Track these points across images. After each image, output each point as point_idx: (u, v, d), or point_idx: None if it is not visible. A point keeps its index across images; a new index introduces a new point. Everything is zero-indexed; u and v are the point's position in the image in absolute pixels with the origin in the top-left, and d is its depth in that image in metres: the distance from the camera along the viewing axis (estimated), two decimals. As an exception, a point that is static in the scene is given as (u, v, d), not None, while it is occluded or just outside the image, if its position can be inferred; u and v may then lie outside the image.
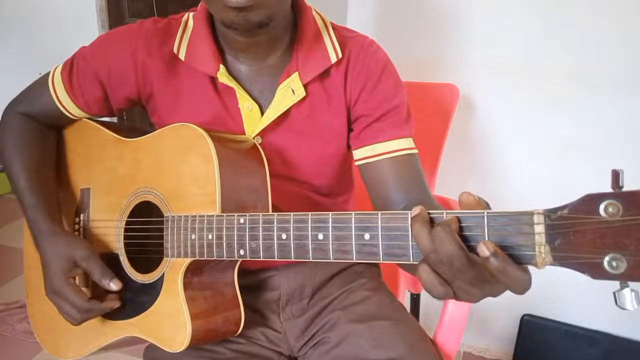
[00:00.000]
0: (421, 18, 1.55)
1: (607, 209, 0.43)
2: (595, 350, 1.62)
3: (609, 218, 0.43)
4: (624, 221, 0.42)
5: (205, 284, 0.81)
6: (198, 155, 0.78)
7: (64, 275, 0.85)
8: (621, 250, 0.43)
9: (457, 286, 0.52)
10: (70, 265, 0.85)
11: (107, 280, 0.84)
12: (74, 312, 0.85)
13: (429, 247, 0.51)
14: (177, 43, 0.88)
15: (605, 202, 0.43)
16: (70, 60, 0.94)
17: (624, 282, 0.44)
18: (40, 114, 0.97)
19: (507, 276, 0.48)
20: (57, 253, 0.86)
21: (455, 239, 0.50)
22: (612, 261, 0.43)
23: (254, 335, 0.95)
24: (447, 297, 0.53)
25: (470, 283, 0.51)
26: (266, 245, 0.67)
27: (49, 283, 0.87)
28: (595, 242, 0.44)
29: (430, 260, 0.51)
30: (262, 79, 0.88)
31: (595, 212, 0.44)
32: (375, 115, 0.87)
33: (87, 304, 0.84)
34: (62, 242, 0.87)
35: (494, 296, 0.53)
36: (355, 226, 0.58)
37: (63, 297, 0.85)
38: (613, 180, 0.44)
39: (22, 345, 1.86)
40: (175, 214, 0.80)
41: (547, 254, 0.47)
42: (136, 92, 0.91)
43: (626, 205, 0.42)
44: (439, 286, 0.52)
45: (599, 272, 0.44)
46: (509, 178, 1.61)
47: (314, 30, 0.88)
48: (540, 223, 0.47)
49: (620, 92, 1.43)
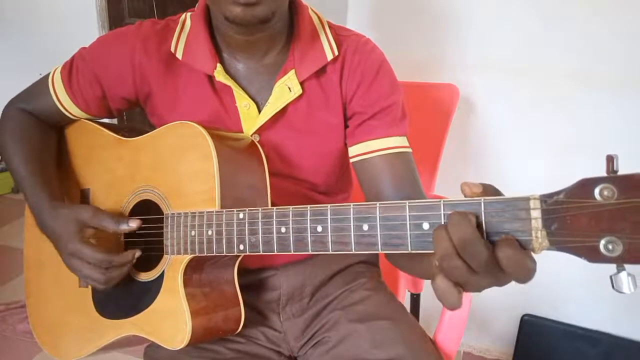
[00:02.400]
0: (421, 18, 1.56)
1: (603, 193, 0.43)
2: (595, 350, 1.61)
3: (604, 201, 0.43)
4: (619, 204, 0.43)
5: (205, 281, 0.81)
6: (197, 153, 0.78)
7: (77, 237, 0.83)
8: (617, 233, 0.43)
9: (469, 283, 0.51)
10: (80, 227, 0.84)
11: (124, 225, 0.82)
12: (96, 272, 0.82)
13: (446, 246, 0.50)
14: (174, 42, 0.88)
15: (601, 185, 0.44)
16: (70, 61, 0.95)
17: (620, 266, 0.44)
18: (40, 113, 0.97)
19: (518, 266, 0.48)
20: (65, 221, 0.85)
21: (471, 223, 0.49)
22: (608, 244, 0.43)
23: (253, 334, 0.95)
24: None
25: (481, 273, 0.50)
26: (265, 239, 0.68)
27: (64, 250, 0.85)
28: (591, 225, 0.44)
29: (444, 265, 0.51)
30: (259, 77, 0.88)
31: (591, 196, 0.44)
32: (370, 112, 0.88)
33: (107, 257, 0.81)
34: (66, 211, 0.86)
35: (499, 285, 0.52)
36: (354, 217, 0.59)
37: (81, 257, 0.83)
38: (608, 164, 0.44)
39: (22, 345, 1.86)
40: (175, 212, 0.80)
41: (544, 239, 0.47)
42: (134, 93, 0.92)
43: (621, 189, 0.43)
44: (456, 294, 0.51)
45: (595, 256, 0.44)
46: (509, 178, 1.61)
47: (310, 29, 0.88)
48: (536, 208, 0.47)
49: (620, 92, 1.43)
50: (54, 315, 0.94)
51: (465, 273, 0.50)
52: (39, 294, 1.00)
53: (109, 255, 0.81)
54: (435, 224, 0.53)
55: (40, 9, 2.70)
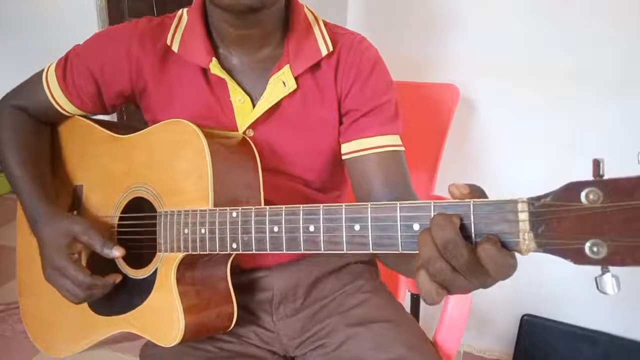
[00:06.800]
0: (421, 18, 1.56)
1: (588, 196, 0.44)
2: (595, 350, 1.61)
3: (589, 205, 0.44)
4: (605, 208, 0.43)
5: (198, 278, 0.82)
6: (191, 151, 0.78)
7: (65, 252, 0.84)
8: (602, 235, 0.43)
9: (454, 285, 0.52)
10: (69, 240, 0.85)
11: (109, 249, 0.83)
12: (77, 289, 0.83)
13: (429, 248, 0.51)
14: (170, 35, 0.89)
15: (587, 189, 0.44)
16: (64, 57, 0.95)
17: (605, 268, 0.44)
18: (34, 110, 0.97)
19: (496, 263, 0.48)
20: (56, 231, 0.86)
21: (453, 224, 0.50)
22: (593, 246, 0.44)
23: (245, 334, 0.95)
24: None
25: (465, 274, 0.51)
26: (258, 238, 0.68)
27: (48, 262, 0.86)
28: (577, 228, 0.44)
29: (429, 268, 0.51)
30: (254, 71, 0.89)
31: (577, 199, 0.44)
32: (363, 110, 0.88)
33: (90, 279, 0.83)
34: (60, 221, 0.86)
35: (484, 287, 0.53)
36: (346, 217, 0.59)
37: (64, 274, 0.84)
38: (594, 169, 0.45)
39: (22, 345, 1.86)
40: (168, 210, 0.81)
41: (531, 241, 0.47)
42: (129, 87, 0.92)
43: (607, 192, 0.43)
44: (437, 294, 0.51)
45: (580, 258, 0.45)
46: (509, 178, 1.61)
47: (305, 24, 0.89)
48: (524, 211, 0.47)
49: (620, 92, 1.43)
50: (47, 312, 0.94)
51: (450, 275, 0.50)
52: (31, 291, 1.01)
53: (92, 278, 0.83)
54: (425, 225, 0.53)
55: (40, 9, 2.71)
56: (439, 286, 0.51)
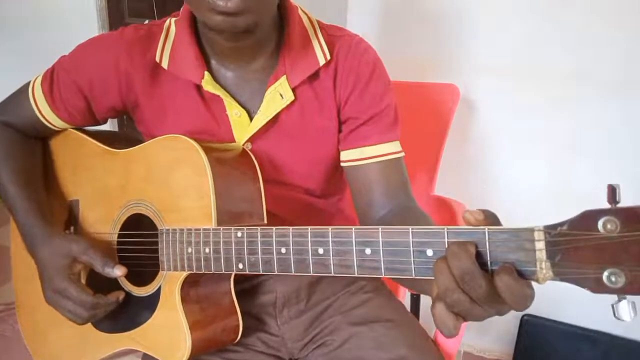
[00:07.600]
0: (421, 18, 1.55)
1: (606, 226, 0.43)
2: (595, 350, 1.62)
3: (607, 234, 0.43)
4: (622, 237, 0.43)
5: (203, 295, 0.81)
6: (191, 168, 0.77)
7: (65, 273, 0.83)
8: (619, 265, 0.43)
9: (471, 314, 0.51)
10: (69, 261, 0.83)
11: (110, 268, 0.82)
12: (80, 309, 0.82)
13: (447, 279, 0.50)
14: (159, 51, 0.85)
15: (604, 218, 0.43)
16: (50, 71, 0.92)
17: (621, 295, 0.44)
18: (22, 126, 0.95)
19: (513, 293, 0.48)
20: (55, 252, 0.84)
21: (469, 253, 0.49)
22: (611, 276, 0.43)
23: (250, 342, 0.94)
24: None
25: (482, 304, 0.50)
26: (265, 259, 0.67)
27: (48, 285, 0.84)
28: (595, 257, 0.44)
29: (447, 299, 0.50)
30: (249, 84, 0.86)
31: (594, 229, 0.44)
32: (363, 118, 0.87)
33: (93, 299, 0.82)
34: (58, 242, 0.85)
35: (500, 315, 0.52)
36: (356, 240, 0.58)
37: (66, 296, 0.82)
38: (610, 195, 0.44)
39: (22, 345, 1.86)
40: (169, 227, 0.79)
41: (548, 270, 0.47)
42: (120, 102, 0.89)
43: (623, 222, 0.43)
44: (455, 323, 0.51)
45: (598, 287, 0.44)
46: (508, 178, 1.61)
47: (301, 32, 0.86)
48: (540, 240, 0.47)
49: (620, 92, 1.43)
50: (48, 328, 0.93)
51: (468, 305, 0.50)
52: (31, 306, 0.99)
53: (94, 297, 0.82)
54: (439, 251, 0.52)
55: (40, 9, 2.68)
56: (456, 317, 0.50)
